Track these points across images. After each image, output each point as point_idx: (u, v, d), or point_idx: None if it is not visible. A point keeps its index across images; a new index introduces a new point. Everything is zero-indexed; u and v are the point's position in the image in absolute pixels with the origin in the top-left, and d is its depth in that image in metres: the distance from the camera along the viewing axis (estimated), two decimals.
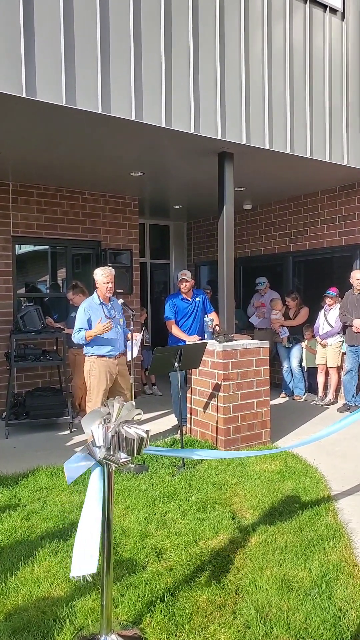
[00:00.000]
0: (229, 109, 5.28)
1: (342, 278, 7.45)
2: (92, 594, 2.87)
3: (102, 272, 5.17)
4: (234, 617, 2.68)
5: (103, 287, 5.18)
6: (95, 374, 5.09)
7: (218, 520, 3.73)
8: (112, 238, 8.19)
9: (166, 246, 11.01)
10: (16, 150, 5.77)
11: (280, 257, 8.97)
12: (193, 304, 6.25)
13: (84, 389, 6.28)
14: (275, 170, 6.68)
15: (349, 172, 6.80)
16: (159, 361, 4.95)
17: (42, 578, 3.03)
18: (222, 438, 5.37)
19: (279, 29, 5.68)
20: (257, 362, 5.59)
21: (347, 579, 2.99)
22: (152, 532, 3.58)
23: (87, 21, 4.35)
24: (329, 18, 6.14)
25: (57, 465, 4.80)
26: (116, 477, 4.48)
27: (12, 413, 6.33)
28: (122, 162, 6.31)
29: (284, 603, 2.77)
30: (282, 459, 5.03)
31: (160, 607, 2.74)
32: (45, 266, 8.21)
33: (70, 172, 6.80)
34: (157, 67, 4.78)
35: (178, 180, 7.29)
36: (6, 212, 7.22)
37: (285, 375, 8.12)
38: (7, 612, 2.73)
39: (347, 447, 5.50)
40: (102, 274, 5.16)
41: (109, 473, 2.42)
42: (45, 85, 4.16)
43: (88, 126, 4.88)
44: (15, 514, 3.87)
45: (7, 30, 3.96)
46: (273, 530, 3.59)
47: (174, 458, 4.94)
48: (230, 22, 5.25)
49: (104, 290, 5.19)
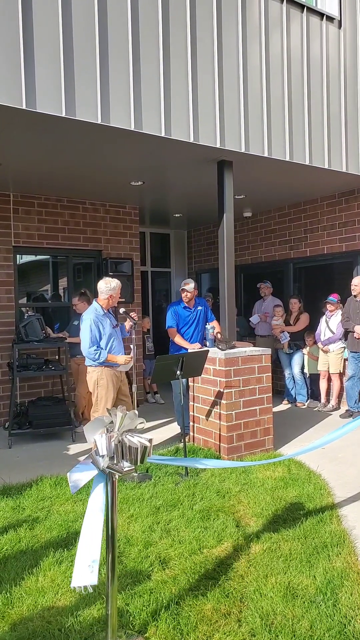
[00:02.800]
0: (227, 118, 5.32)
1: (343, 284, 7.47)
2: (97, 603, 2.87)
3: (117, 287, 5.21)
4: (239, 626, 2.67)
5: (114, 300, 5.22)
6: (103, 383, 5.10)
7: (222, 528, 3.73)
8: (113, 247, 8.22)
9: (167, 254, 11.04)
10: (17, 161, 5.81)
11: (281, 264, 8.99)
12: (195, 312, 6.27)
13: (88, 398, 6.29)
14: (275, 177, 6.71)
15: (348, 178, 6.83)
16: (161, 369, 4.95)
17: (47, 588, 3.03)
18: (225, 446, 5.36)
19: (277, 38, 5.74)
20: (259, 369, 5.60)
21: (352, 586, 2.98)
22: (156, 540, 3.57)
23: (86, 33, 4.40)
24: (326, 26, 6.20)
25: (61, 475, 4.80)
26: (119, 485, 4.48)
27: (15, 423, 6.33)
28: (122, 171, 6.35)
29: (289, 611, 2.76)
30: (286, 466, 5.03)
31: (165, 615, 2.74)
32: (46, 276, 8.24)
33: (70, 182, 6.85)
34: (155, 76, 4.82)
35: (178, 188, 7.33)
36: (7, 222, 7.26)
37: (287, 382, 8.12)
38: (12, 622, 2.73)
39: (351, 454, 5.49)
40: (117, 288, 5.20)
41: (113, 482, 2.43)
42: (45, 96, 4.20)
43: (88, 137, 4.92)
44: (19, 523, 3.86)
45: (7, 42, 4.00)
46: (277, 537, 3.58)
47: (177, 466, 4.94)
48: (227, 31, 5.30)
49: (113, 302, 5.24)
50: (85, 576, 2.25)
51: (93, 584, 2.25)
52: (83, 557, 2.29)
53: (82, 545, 2.32)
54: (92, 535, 2.32)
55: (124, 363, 5.12)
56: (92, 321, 5.06)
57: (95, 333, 5.05)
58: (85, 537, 2.33)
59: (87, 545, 2.30)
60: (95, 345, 5.03)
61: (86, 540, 2.32)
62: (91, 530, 2.33)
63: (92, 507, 2.38)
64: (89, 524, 2.35)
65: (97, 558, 2.28)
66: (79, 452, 5.83)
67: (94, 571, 2.26)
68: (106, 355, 5.03)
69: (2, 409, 7.12)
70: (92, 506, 2.38)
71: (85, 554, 2.29)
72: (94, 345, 5.03)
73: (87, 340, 5.03)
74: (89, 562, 2.27)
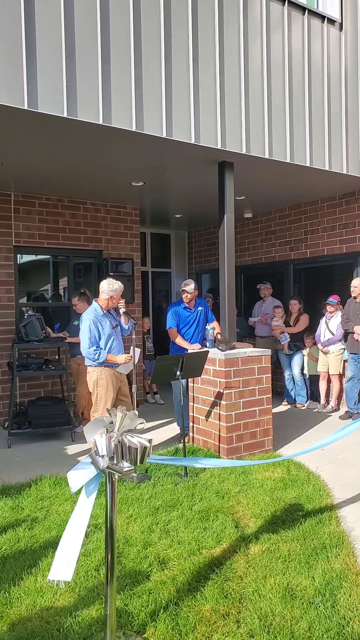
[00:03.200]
0: (228, 119, 5.33)
1: (343, 285, 7.47)
2: (95, 603, 2.87)
3: (119, 289, 5.22)
4: (238, 627, 2.67)
5: (114, 301, 5.23)
6: (103, 384, 5.10)
7: (221, 528, 3.73)
8: (114, 247, 8.22)
9: (167, 255, 11.05)
10: (18, 161, 5.82)
11: (281, 265, 8.99)
12: (195, 312, 6.27)
13: (88, 398, 6.29)
14: (276, 179, 6.72)
15: (349, 180, 6.84)
16: (161, 370, 4.96)
17: (46, 588, 3.03)
18: (225, 446, 5.36)
19: (278, 40, 5.75)
20: (259, 370, 5.60)
21: (351, 587, 2.99)
22: (155, 541, 3.57)
23: (88, 33, 4.41)
24: (327, 29, 6.21)
25: (60, 475, 4.81)
26: (119, 486, 4.48)
27: (14, 422, 6.34)
28: (123, 172, 6.35)
29: (287, 612, 2.77)
30: (285, 466, 5.03)
31: (164, 616, 2.74)
32: (47, 276, 8.24)
33: (71, 182, 6.85)
34: (157, 78, 4.83)
35: (179, 189, 7.33)
36: (8, 222, 7.26)
37: (287, 383, 8.12)
38: (11, 622, 2.73)
39: (350, 455, 5.49)
40: (119, 290, 5.21)
41: (112, 482, 2.43)
42: (47, 97, 4.21)
43: (89, 137, 4.93)
44: (18, 523, 3.87)
45: (9, 43, 4.01)
46: (276, 538, 3.58)
47: (176, 467, 4.94)
48: (229, 33, 5.31)
49: (113, 303, 5.24)
50: (61, 571, 2.27)
51: (67, 580, 2.28)
52: (63, 553, 2.31)
53: (63, 541, 2.34)
54: (74, 534, 2.33)
55: (124, 362, 5.12)
56: (91, 321, 5.06)
57: (94, 333, 5.05)
58: (69, 533, 2.34)
59: (68, 542, 2.32)
60: (94, 346, 5.03)
61: (68, 537, 2.33)
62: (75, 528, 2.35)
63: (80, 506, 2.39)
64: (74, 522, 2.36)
65: (76, 556, 2.31)
66: (78, 452, 5.84)
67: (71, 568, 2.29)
68: (106, 355, 5.04)
69: (2, 408, 7.12)
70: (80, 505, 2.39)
71: (65, 550, 2.31)
72: (94, 345, 5.03)
73: (87, 341, 5.03)
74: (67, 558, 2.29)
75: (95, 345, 5.05)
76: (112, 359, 5.08)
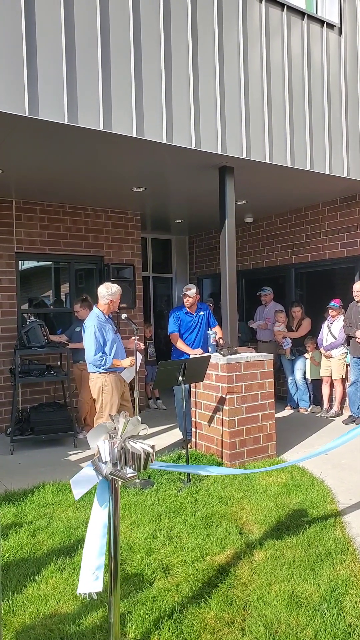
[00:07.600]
0: (229, 124, 5.34)
1: (345, 289, 7.46)
2: (99, 611, 2.85)
3: (117, 291, 5.25)
4: (243, 634, 2.65)
5: (114, 305, 5.26)
6: (108, 389, 5.10)
7: (225, 535, 3.71)
8: (115, 253, 8.23)
9: (168, 260, 11.06)
10: (19, 168, 5.83)
11: (283, 269, 8.99)
12: (197, 317, 6.26)
13: (91, 404, 6.27)
14: (276, 183, 6.72)
15: (350, 184, 6.84)
16: (163, 375, 4.95)
17: (49, 595, 3.01)
18: (228, 452, 5.34)
19: (277, 45, 5.76)
20: (261, 374, 5.58)
21: (357, 594, 2.96)
22: (158, 547, 3.55)
23: (89, 40, 4.42)
24: (327, 33, 6.22)
25: (63, 481, 4.79)
26: (122, 492, 4.46)
27: (16, 429, 6.32)
28: (123, 178, 6.36)
29: (293, 619, 2.74)
30: (289, 472, 5.00)
31: (168, 624, 2.72)
32: (48, 282, 8.25)
33: (72, 188, 6.86)
34: (157, 83, 4.84)
35: (179, 194, 7.34)
36: (10, 228, 7.28)
37: (290, 387, 8.10)
38: (15, 630, 2.71)
39: (354, 460, 5.46)
40: (117, 292, 5.25)
41: (115, 489, 2.42)
42: (48, 104, 4.22)
43: (90, 143, 4.94)
44: (21, 530, 3.85)
45: (10, 49, 4.02)
46: (280, 544, 3.56)
47: (179, 473, 4.92)
48: (228, 38, 5.32)
49: (114, 307, 5.27)
50: (90, 583, 2.24)
51: (98, 590, 2.24)
52: (88, 564, 2.28)
53: (86, 552, 2.31)
54: (96, 542, 2.31)
55: (130, 365, 5.11)
56: (95, 327, 5.05)
57: (99, 340, 5.05)
58: (90, 543, 2.32)
59: (91, 552, 2.30)
60: (100, 352, 5.03)
61: (90, 546, 2.31)
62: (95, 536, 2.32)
63: (96, 514, 2.37)
64: (93, 530, 2.34)
65: (101, 565, 2.27)
66: (81, 458, 5.82)
67: (99, 578, 2.25)
68: (111, 360, 5.03)
69: (4, 415, 7.11)
70: (96, 512, 2.37)
71: (90, 560, 2.28)
72: (100, 352, 5.02)
73: (93, 348, 5.01)
74: (93, 569, 2.26)
75: (101, 351, 5.04)
76: (117, 364, 5.07)
